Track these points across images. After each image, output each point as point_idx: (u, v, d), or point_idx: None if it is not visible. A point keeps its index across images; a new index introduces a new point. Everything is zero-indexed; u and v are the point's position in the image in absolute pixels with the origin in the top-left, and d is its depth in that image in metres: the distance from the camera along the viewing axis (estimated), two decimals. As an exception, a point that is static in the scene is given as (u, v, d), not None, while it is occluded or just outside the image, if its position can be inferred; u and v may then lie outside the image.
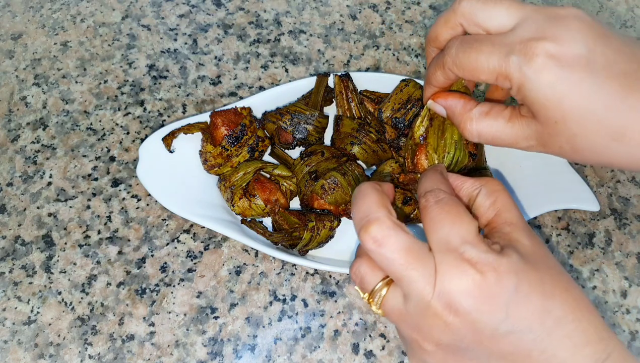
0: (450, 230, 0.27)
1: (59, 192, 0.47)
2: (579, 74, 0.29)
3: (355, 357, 0.41)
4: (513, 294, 0.26)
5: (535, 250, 0.28)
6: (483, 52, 0.31)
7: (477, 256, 0.26)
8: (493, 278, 0.26)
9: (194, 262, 0.44)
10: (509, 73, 0.30)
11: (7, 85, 0.53)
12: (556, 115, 0.30)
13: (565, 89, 0.29)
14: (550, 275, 0.28)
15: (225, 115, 0.45)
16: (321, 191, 0.43)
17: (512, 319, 0.26)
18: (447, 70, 0.34)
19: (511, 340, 0.26)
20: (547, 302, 0.27)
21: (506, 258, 0.27)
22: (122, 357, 0.41)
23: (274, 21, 0.58)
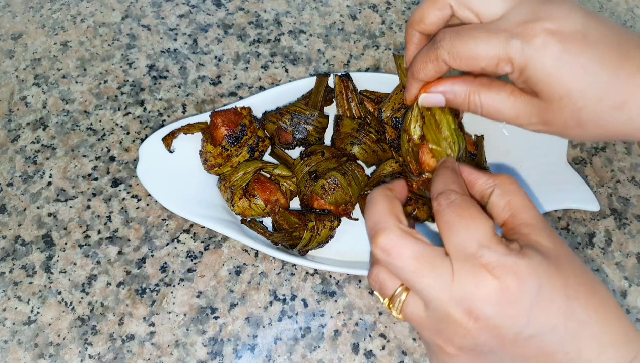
0: (465, 235, 0.27)
1: (59, 192, 0.47)
2: (578, 47, 0.29)
3: (355, 357, 0.41)
4: (535, 297, 0.26)
5: (557, 250, 0.28)
6: (481, 39, 0.31)
7: (496, 259, 0.26)
8: (514, 282, 0.25)
9: (194, 262, 0.44)
10: (511, 56, 0.30)
11: (7, 85, 0.53)
12: (561, 91, 0.30)
13: (567, 64, 0.29)
14: (574, 276, 0.27)
15: (225, 115, 0.45)
16: (321, 191, 0.43)
17: (535, 322, 0.26)
18: (440, 62, 0.33)
19: (534, 343, 0.26)
20: (571, 303, 0.26)
21: (526, 260, 0.26)
22: (122, 357, 0.41)
23: (274, 21, 0.58)
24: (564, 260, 0.27)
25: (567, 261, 0.27)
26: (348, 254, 0.44)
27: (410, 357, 0.41)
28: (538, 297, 0.26)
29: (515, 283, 0.25)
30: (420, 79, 0.35)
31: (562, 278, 0.26)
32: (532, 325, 0.26)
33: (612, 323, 0.27)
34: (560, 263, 0.27)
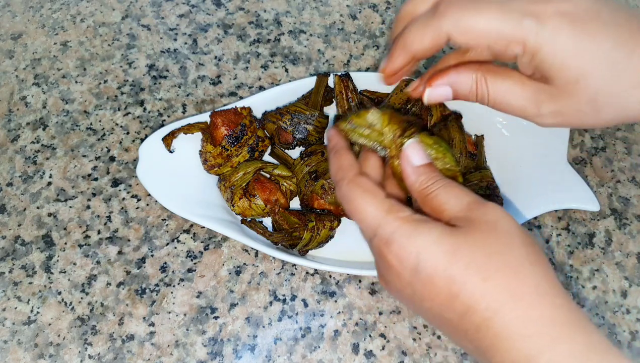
0: (363, 226, 0.31)
1: (58, 192, 0.47)
2: (592, 26, 0.28)
3: (355, 357, 0.41)
4: (414, 274, 0.28)
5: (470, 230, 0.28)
6: (493, 15, 0.29)
7: (384, 238, 0.29)
8: (394, 258, 0.29)
9: (194, 262, 0.44)
10: (525, 38, 0.29)
11: (7, 85, 0.53)
12: (578, 73, 0.29)
13: (583, 44, 0.28)
14: (479, 256, 0.27)
15: (225, 115, 0.45)
16: (321, 191, 0.43)
17: (419, 296, 0.29)
18: (442, 33, 0.30)
19: (428, 314, 0.30)
20: (453, 287, 0.27)
21: (410, 237, 0.28)
22: (122, 357, 0.41)
23: (274, 21, 0.58)
24: (468, 240, 0.28)
25: (474, 242, 0.28)
26: (348, 254, 0.44)
27: (410, 357, 0.41)
28: (416, 273, 0.28)
29: (396, 258, 0.29)
30: (413, 50, 0.32)
31: (450, 258, 0.27)
32: (418, 297, 0.29)
33: (517, 309, 0.26)
34: (462, 243, 0.27)
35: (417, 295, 0.29)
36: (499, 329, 0.26)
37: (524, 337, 0.25)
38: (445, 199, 0.30)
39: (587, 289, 0.45)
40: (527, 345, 0.25)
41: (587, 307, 0.45)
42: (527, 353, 0.25)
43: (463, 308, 0.27)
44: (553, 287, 0.27)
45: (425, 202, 0.31)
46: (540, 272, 0.27)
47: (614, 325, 0.44)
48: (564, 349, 0.25)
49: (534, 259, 0.27)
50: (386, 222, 0.29)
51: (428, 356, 0.42)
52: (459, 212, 0.29)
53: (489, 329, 0.26)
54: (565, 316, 0.26)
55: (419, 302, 0.29)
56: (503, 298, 0.26)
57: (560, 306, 0.26)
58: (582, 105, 0.30)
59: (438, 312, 0.28)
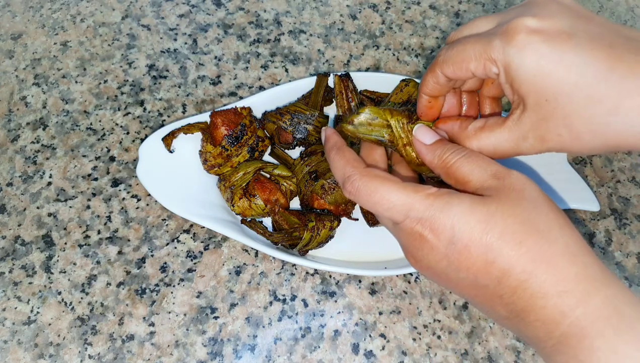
0: (389, 212, 0.31)
1: (58, 192, 0.47)
2: (563, 46, 0.28)
3: (355, 357, 0.41)
4: (449, 246, 0.29)
5: (501, 199, 0.29)
6: (468, 42, 0.31)
7: (417, 218, 0.30)
8: (430, 234, 0.30)
9: (194, 262, 0.44)
10: (493, 55, 0.30)
11: (7, 85, 0.53)
12: (546, 93, 0.29)
13: (551, 63, 0.28)
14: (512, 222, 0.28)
15: (225, 115, 0.45)
16: (321, 191, 0.43)
17: (454, 267, 0.29)
18: (437, 73, 0.33)
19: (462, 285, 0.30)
20: (490, 254, 0.28)
21: (444, 211, 0.29)
22: (122, 357, 0.41)
23: (274, 21, 0.58)
24: (500, 208, 0.29)
25: (505, 209, 0.28)
26: (348, 254, 0.44)
27: (410, 357, 0.41)
28: (451, 244, 0.29)
29: (430, 232, 0.29)
30: (425, 92, 0.36)
31: (485, 227, 0.28)
32: (453, 268, 0.29)
33: (551, 268, 0.27)
34: (494, 211, 0.28)
35: (452, 266, 0.29)
36: (535, 289, 0.27)
37: (560, 293, 0.26)
38: (469, 170, 0.31)
39: (587, 289, 0.45)
40: (562, 301, 0.26)
41: (587, 307, 0.45)
42: (562, 308, 0.26)
43: (499, 273, 0.28)
44: (581, 247, 0.28)
45: (449, 174, 0.32)
46: (568, 234, 0.28)
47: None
48: (596, 302, 0.26)
49: (562, 223, 0.29)
50: (418, 201, 0.30)
51: (428, 356, 0.42)
52: (485, 181, 0.30)
53: (525, 290, 0.27)
54: (595, 272, 0.27)
55: (454, 272, 0.29)
56: (537, 261, 0.27)
57: (591, 264, 0.27)
58: (560, 129, 0.30)
59: (473, 279, 0.29)
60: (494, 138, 0.33)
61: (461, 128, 0.35)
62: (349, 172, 0.33)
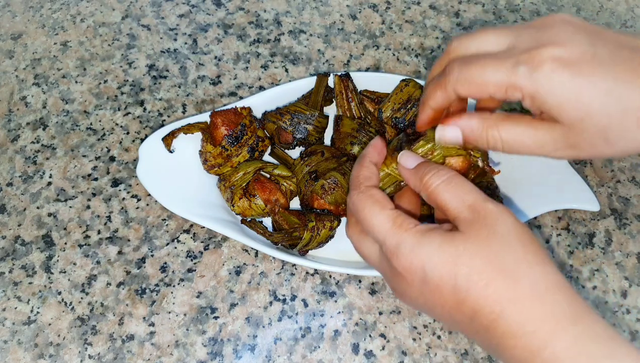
0: (371, 235, 0.33)
1: (59, 192, 0.47)
2: (588, 68, 0.29)
3: (355, 357, 0.41)
4: (422, 284, 0.30)
5: (470, 237, 0.30)
6: (488, 66, 0.31)
7: (390, 251, 0.32)
8: (404, 269, 0.31)
9: (194, 262, 0.44)
10: (519, 84, 0.30)
11: (7, 85, 0.53)
12: (580, 113, 0.30)
13: (580, 86, 0.29)
14: (479, 262, 0.29)
15: (225, 115, 0.45)
16: (321, 191, 0.43)
17: (430, 305, 0.31)
18: (449, 90, 0.33)
19: (442, 318, 0.32)
20: (459, 295, 0.29)
21: (415, 249, 0.30)
22: (122, 357, 0.41)
23: (274, 21, 0.58)
24: (469, 247, 0.29)
25: (473, 248, 0.29)
26: (348, 254, 0.44)
27: (410, 357, 0.41)
28: (424, 283, 0.30)
29: (405, 271, 0.31)
30: (430, 106, 0.36)
31: (453, 268, 0.29)
32: (429, 306, 0.31)
33: (518, 309, 0.28)
34: (462, 252, 0.29)
35: (428, 302, 0.31)
36: (504, 329, 0.28)
37: (527, 334, 0.27)
38: (448, 198, 0.32)
39: (587, 289, 0.45)
40: (531, 341, 0.27)
41: (587, 307, 0.45)
42: (531, 348, 0.27)
43: (470, 313, 0.29)
44: (553, 283, 0.28)
45: (430, 199, 0.33)
46: (538, 271, 0.29)
47: (614, 325, 0.44)
48: (563, 342, 0.27)
49: (531, 259, 0.29)
50: (391, 234, 0.31)
51: (428, 356, 0.42)
52: (460, 212, 0.31)
53: (496, 329, 0.28)
54: (564, 310, 0.28)
55: (432, 308, 0.31)
56: (504, 302, 0.28)
57: (560, 301, 0.28)
58: (594, 140, 0.31)
59: (449, 316, 0.30)
60: (520, 131, 0.33)
61: (481, 119, 0.34)
62: (353, 185, 0.36)
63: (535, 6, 0.62)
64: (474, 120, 0.34)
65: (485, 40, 0.33)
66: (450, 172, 0.33)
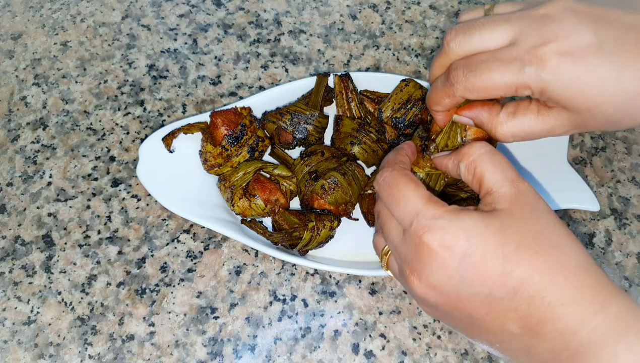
0: (400, 210, 0.31)
1: (59, 192, 0.47)
2: (594, 60, 0.30)
3: (355, 357, 0.41)
4: (462, 259, 0.28)
5: (514, 211, 0.29)
6: (495, 70, 0.32)
7: (426, 224, 0.29)
8: (440, 244, 0.29)
9: (194, 262, 0.44)
10: (528, 83, 0.31)
11: (7, 85, 0.53)
12: (588, 104, 0.31)
13: (587, 80, 0.30)
14: (527, 234, 0.28)
15: (225, 115, 0.45)
16: (321, 191, 0.43)
17: (469, 282, 0.28)
18: (458, 96, 0.34)
19: (478, 300, 0.29)
20: (507, 264, 0.28)
21: (455, 222, 0.29)
22: (122, 357, 0.41)
23: (274, 21, 0.58)
24: (514, 221, 0.29)
25: (519, 222, 0.29)
26: (348, 254, 0.44)
27: (410, 357, 0.41)
28: (465, 258, 0.28)
29: (441, 246, 0.29)
30: (441, 111, 0.37)
31: (501, 239, 0.28)
32: (466, 284, 0.29)
33: (568, 278, 0.28)
34: (508, 224, 0.29)
35: (465, 281, 0.29)
36: (553, 297, 0.27)
37: (578, 301, 0.27)
38: (490, 169, 0.32)
39: (587, 289, 0.45)
40: (581, 309, 0.27)
41: (587, 307, 0.45)
42: (581, 316, 0.27)
43: (516, 283, 0.28)
44: (592, 262, 0.29)
45: (469, 168, 0.33)
46: (579, 248, 0.29)
47: (614, 325, 0.44)
48: (614, 309, 0.27)
49: (573, 238, 0.30)
50: (427, 208, 0.30)
51: (428, 356, 0.42)
52: (502, 186, 0.31)
53: (543, 299, 0.27)
54: (608, 284, 0.28)
55: (467, 287, 0.29)
56: (555, 271, 0.28)
57: (603, 276, 0.28)
58: (601, 122, 0.32)
59: (488, 294, 0.28)
60: (528, 124, 0.34)
61: (491, 115, 0.35)
62: (387, 164, 0.35)
63: (535, 6, 0.62)
64: (484, 115, 0.35)
65: (485, 37, 0.33)
66: (491, 146, 0.33)
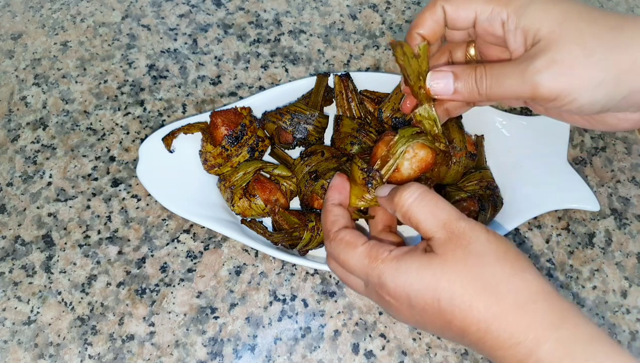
0: (355, 273, 0.34)
1: (59, 192, 0.47)
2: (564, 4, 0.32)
3: (355, 357, 0.41)
4: (410, 309, 0.32)
5: (447, 258, 0.30)
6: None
7: (375, 283, 0.33)
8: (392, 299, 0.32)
9: (194, 262, 0.44)
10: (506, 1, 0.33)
11: (7, 85, 0.53)
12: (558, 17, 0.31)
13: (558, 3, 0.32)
14: (460, 285, 0.30)
15: (225, 115, 0.45)
16: (321, 191, 0.43)
17: (421, 323, 0.32)
18: (437, 7, 0.35)
19: (435, 332, 0.33)
20: (446, 317, 0.30)
21: (395, 280, 0.31)
22: (122, 357, 0.41)
23: (274, 21, 0.58)
24: (447, 269, 0.30)
25: (452, 269, 0.30)
26: (348, 254, 0.44)
27: (410, 357, 0.41)
28: (411, 308, 0.31)
29: (393, 298, 0.32)
30: (417, 29, 0.36)
31: (434, 294, 0.30)
32: (421, 324, 0.32)
33: (501, 324, 0.29)
34: (441, 275, 0.30)
35: (419, 322, 0.32)
36: (492, 343, 0.29)
37: (513, 346, 0.28)
38: (423, 217, 0.32)
39: (587, 289, 0.45)
40: (517, 351, 0.28)
41: (587, 307, 0.45)
42: (519, 358, 0.28)
43: (459, 331, 0.30)
44: (534, 291, 0.29)
45: (405, 218, 0.34)
46: (517, 282, 0.30)
47: (614, 325, 0.44)
48: (548, 347, 0.28)
49: (508, 271, 0.30)
50: (371, 269, 0.32)
51: (428, 356, 0.42)
52: (435, 232, 0.32)
53: (485, 344, 0.30)
54: (546, 317, 0.29)
55: (423, 326, 0.33)
56: (489, 319, 0.29)
57: (542, 309, 0.29)
58: (571, 46, 0.31)
59: (441, 332, 0.32)
60: (503, 68, 0.33)
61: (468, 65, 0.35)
62: (324, 234, 0.37)
63: (535, 6, 0.62)
64: (462, 65, 0.35)
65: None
66: (421, 188, 0.33)
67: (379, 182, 0.37)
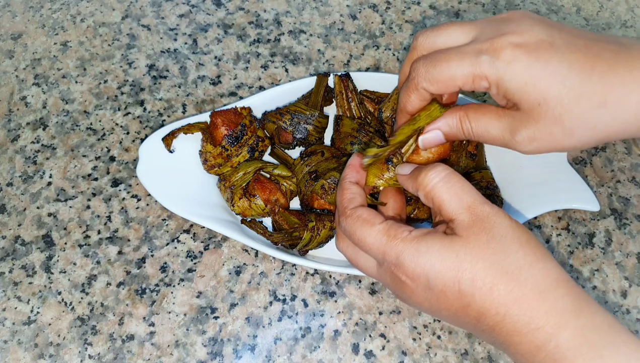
0: (370, 252, 0.34)
1: (59, 192, 0.47)
2: (545, 55, 0.31)
3: (355, 357, 0.41)
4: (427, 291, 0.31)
5: (470, 241, 0.30)
6: (453, 60, 0.33)
7: (392, 263, 0.32)
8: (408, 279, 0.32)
9: (194, 262, 0.45)
10: (484, 72, 0.32)
11: (7, 85, 0.53)
12: (537, 97, 0.31)
13: (537, 71, 0.31)
14: (482, 267, 0.30)
15: (225, 115, 0.45)
16: (321, 191, 0.43)
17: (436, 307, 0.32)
18: (420, 90, 0.35)
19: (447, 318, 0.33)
20: (464, 299, 0.30)
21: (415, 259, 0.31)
22: (122, 357, 0.41)
23: (274, 21, 0.58)
24: (470, 251, 0.30)
25: (475, 252, 0.30)
26: (348, 254, 0.44)
27: (410, 357, 0.41)
28: (428, 290, 0.31)
29: (409, 279, 0.31)
30: (408, 111, 0.37)
31: (455, 275, 0.30)
32: (435, 308, 0.32)
33: (521, 308, 0.29)
34: (463, 257, 0.30)
35: (434, 307, 0.32)
36: (509, 328, 0.29)
37: (532, 331, 0.28)
38: (447, 198, 0.32)
39: (587, 289, 0.45)
40: (536, 337, 0.28)
41: (587, 307, 0.45)
42: (537, 343, 0.28)
43: (476, 315, 0.30)
44: (554, 279, 0.30)
45: (427, 198, 0.33)
46: (539, 269, 0.30)
47: (614, 325, 0.44)
48: (567, 335, 0.28)
49: (531, 258, 0.30)
50: (389, 247, 0.32)
51: (428, 356, 0.42)
52: (459, 214, 0.31)
53: (502, 329, 0.29)
54: (565, 305, 0.29)
55: (437, 311, 0.32)
56: (509, 303, 0.29)
57: (562, 296, 0.29)
58: (551, 128, 0.32)
59: (455, 317, 0.32)
60: (486, 120, 0.34)
61: (454, 111, 0.36)
62: (339, 212, 0.36)
63: (535, 6, 0.62)
64: (448, 118, 0.36)
65: (450, 34, 0.34)
66: (448, 170, 0.33)
67: (400, 160, 0.37)
